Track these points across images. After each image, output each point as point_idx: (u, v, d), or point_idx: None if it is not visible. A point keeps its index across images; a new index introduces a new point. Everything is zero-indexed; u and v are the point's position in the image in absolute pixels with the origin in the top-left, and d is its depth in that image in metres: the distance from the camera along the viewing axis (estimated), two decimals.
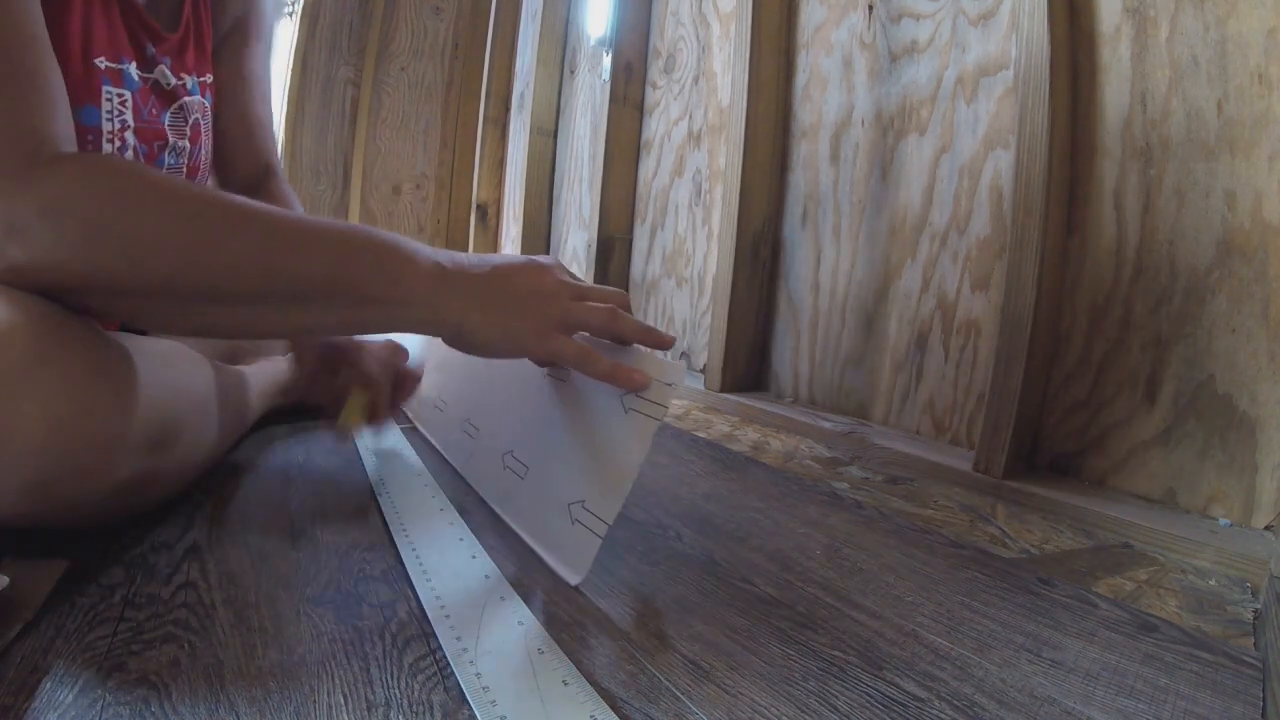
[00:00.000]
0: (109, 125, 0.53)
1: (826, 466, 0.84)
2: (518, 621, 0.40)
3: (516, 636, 0.38)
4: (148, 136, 0.57)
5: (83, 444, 0.40)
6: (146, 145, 0.57)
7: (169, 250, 0.40)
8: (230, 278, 0.41)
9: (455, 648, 0.37)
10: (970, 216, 0.91)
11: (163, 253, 0.39)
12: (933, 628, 0.44)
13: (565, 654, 0.37)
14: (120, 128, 0.54)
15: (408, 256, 0.44)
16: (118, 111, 0.53)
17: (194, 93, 0.62)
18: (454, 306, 0.45)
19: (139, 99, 0.56)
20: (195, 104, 0.62)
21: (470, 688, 0.33)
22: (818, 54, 1.15)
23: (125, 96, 0.54)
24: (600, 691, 0.34)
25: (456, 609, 0.41)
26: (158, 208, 0.40)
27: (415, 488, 0.61)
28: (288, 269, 0.42)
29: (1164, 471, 0.71)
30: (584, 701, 0.33)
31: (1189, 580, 0.57)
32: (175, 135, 0.60)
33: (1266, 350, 0.64)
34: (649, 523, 0.59)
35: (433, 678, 0.34)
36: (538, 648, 0.37)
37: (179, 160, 0.62)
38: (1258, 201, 0.65)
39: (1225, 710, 0.37)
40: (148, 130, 0.57)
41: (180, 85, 0.61)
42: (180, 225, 0.40)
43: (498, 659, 0.36)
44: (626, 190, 1.60)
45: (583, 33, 1.89)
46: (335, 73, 2.39)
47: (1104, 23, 0.76)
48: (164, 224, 0.40)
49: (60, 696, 0.31)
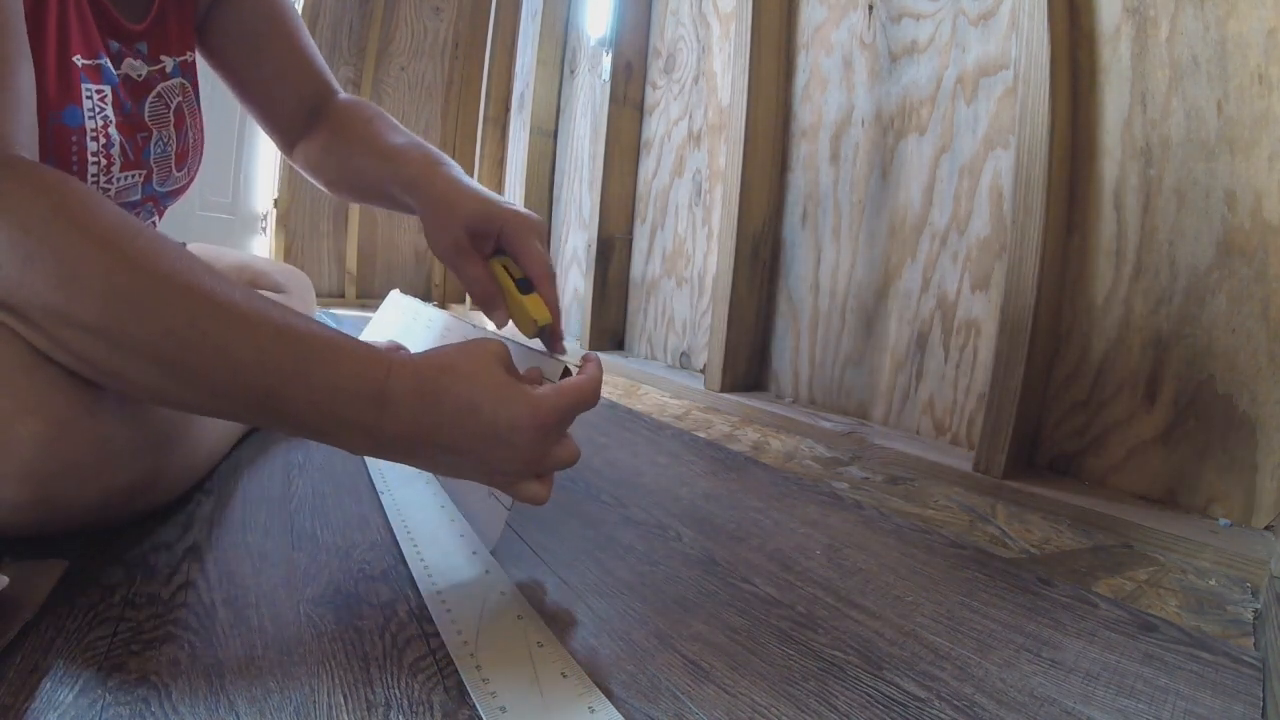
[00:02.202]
0: (92, 123, 0.51)
1: (826, 466, 0.84)
2: (517, 616, 0.40)
3: (516, 630, 0.39)
4: (129, 130, 0.55)
5: (84, 447, 0.40)
6: (130, 139, 0.55)
7: (98, 286, 0.36)
8: (159, 336, 0.37)
9: (456, 640, 0.37)
10: (970, 216, 0.91)
11: (94, 288, 0.36)
12: (933, 628, 0.44)
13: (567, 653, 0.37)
14: (103, 124, 0.52)
15: (346, 412, 0.38)
16: (99, 108, 0.52)
17: (174, 74, 0.60)
18: (390, 458, 0.41)
19: (118, 93, 0.54)
20: (174, 87, 0.60)
21: (470, 680, 0.34)
22: (818, 54, 1.15)
23: (105, 92, 0.52)
24: (600, 691, 0.34)
25: (457, 603, 0.41)
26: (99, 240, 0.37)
27: (417, 485, 0.61)
28: (210, 362, 0.37)
29: (1164, 471, 0.71)
30: (582, 693, 0.33)
31: (1189, 580, 0.57)
32: (158, 125, 0.58)
33: (1266, 350, 0.64)
34: (649, 523, 0.59)
35: (433, 677, 0.34)
36: (537, 641, 0.38)
37: (166, 149, 0.60)
38: (1258, 201, 0.65)
39: (1225, 710, 0.37)
40: (128, 125, 0.55)
41: (157, 70, 0.58)
42: (113, 267, 0.36)
43: (498, 652, 0.36)
44: (626, 190, 1.60)
45: (583, 33, 1.89)
46: (335, 73, 2.38)
47: (1104, 23, 0.76)
48: (99, 258, 0.36)
49: (60, 696, 0.31)
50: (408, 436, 0.39)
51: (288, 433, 0.42)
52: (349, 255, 2.46)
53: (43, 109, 0.46)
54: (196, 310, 0.37)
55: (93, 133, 0.51)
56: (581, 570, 0.49)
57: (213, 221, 2.29)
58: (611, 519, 0.60)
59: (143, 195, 0.59)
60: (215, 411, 0.40)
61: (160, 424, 0.47)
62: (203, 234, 2.14)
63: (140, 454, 0.45)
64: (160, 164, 0.59)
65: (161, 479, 0.49)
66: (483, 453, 0.39)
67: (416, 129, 2.54)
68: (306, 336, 0.38)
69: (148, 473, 0.46)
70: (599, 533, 0.56)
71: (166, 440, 0.48)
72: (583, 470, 0.72)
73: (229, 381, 0.37)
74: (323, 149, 0.67)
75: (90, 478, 0.41)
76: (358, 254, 2.47)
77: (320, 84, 0.69)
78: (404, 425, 0.39)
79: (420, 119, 2.55)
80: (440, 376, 0.39)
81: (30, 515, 0.40)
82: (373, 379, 0.38)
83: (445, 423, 0.39)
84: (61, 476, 0.40)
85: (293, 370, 0.38)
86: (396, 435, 0.39)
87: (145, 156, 0.57)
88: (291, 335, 0.38)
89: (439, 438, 0.39)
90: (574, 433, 0.44)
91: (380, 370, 0.39)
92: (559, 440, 0.41)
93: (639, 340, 1.58)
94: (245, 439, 0.73)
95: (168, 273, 0.37)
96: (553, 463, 0.41)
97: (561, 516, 0.59)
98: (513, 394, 0.39)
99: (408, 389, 0.39)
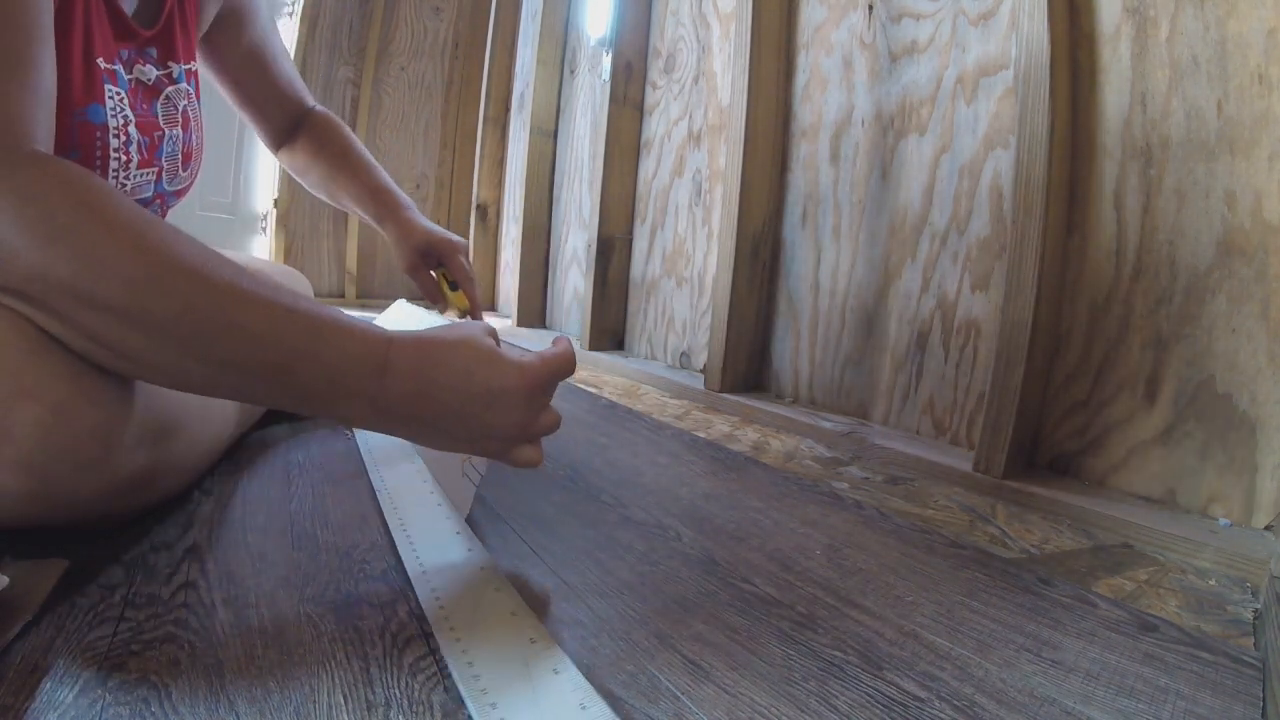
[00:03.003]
0: (114, 121, 0.54)
1: (826, 466, 0.84)
2: (510, 612, 0.40)
3: (509, 627, 0.39)
4: (145, 129, 0.59)
5: (84, 435, 0.40)
6: (147, 137, 0.59)
7: (121, 270, 0.38)
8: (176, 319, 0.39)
9: (449, 637, 0.37)
10: (970, 216, 0.91)
11: (116, 271, 0.38)
12: (933, 628, 0.44)
13: (566, 654, 0.37)
14: (124, 123, 0.55)
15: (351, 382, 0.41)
16: (119, 108, 0.55)
17: (180, 80, 0.63)
18: (389, 428, 0.43)
19: (132, 95, 0.57)
20: (181, 91, 0.64)
21: (462, 676, 0.34)
22: (818, 54, 1.15)
23: (122, 94, 0.56)
24: (600, 691, 0.34)
25: (451, 600, 0.41)
26: (117, 230, 0.39)
27: (414, 483, 0.61)
28: (241, 321, 0.39)
29: (1164, 471, 0.71)
30: (573, 690, 0.33)
31: (1189, 580, 0.57)
32: (168, 125, 0.62)
33: (1266, 350, 0.64)
34: (649, 523, 0.59)
35: (432, 678, 0.34)
36: (529, 638, 0.37)
37: (175, 148, 0.63)
38: (1258, 201, 0.65)
39: (1225, 710, 0.37)
40: (144, 124, 0.59)
41: (165, 75, 0.62)
42: (135, 253, 0.39)
43: (490, 648, 0.36)
44: (626, 190, 1.60)
45: (583, 33, 1.89)
46: (335, 73, 2.39)
47: (1104, 23, 0.76)
48: (121, 249, 0.38)
49: (60, 696, 0.31)
50: (407, 404, 0.41)
51: (293, 406, 0.43)
52: (349, 255, 2.46)
53: (69, 106, 0.49)
54: (213, 291, 0.39)
55: (114, 130, 0.54)
56: (581, 570, 0.49)
57: (213, 221, 2.29)
58: (611, 519, 0.60)
59: (154, 193, 0.62)
60: (229, 387, 0.42)
61: (159, 416, 0.48)
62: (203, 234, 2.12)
63: (140, 445, 0.45)
64: (170, 164, 0.63)
65: (161, 473, 0.49)
66: (477, 415, 0.42)
67: (416, 129, 2.54)
68: (315, 314, 0.41)
69: (147, 465, 0.47)
70: (599, 533, 0.56)
71: (165, 433, 0.49)
72: (583, 470, 0.72)
73: (244, 357, 0.40)
74: (306, 163, 0.86)
75: (89, 467, 0.41)
76: (358, 254, 2.47)
77: (301, 96, 0.86)
78: (404, 393, 0.41)
79: (420, 119, 2.55)
80: (437, 348, 0.42)
81: (30, 506, 0.40)
82: (376, 351, 0.41)
83: (442, 389, 0.41)
84: (60, 464, 0.40)
85: (304, 344, 0.40)
86: (397, 402, 0.41)
87: (158, 155, 0.61)
88: (301, 313, 0.41)
89: (436, 403, 0.42)
90: (575, 433, 0.44)
91: (382, 344, 0.42)
92: (544, 407, 0.45)
93: (639, 340, 1.58)
94: (245, 439, 0.73)
95: (185, 257, 0.40)
96: (539, 428, 0.45)
97: (561, 516, 0.59)
98: (502, 360, 0.43)
99: (408, 359, 0.42)
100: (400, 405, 0.41)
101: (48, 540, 0.45)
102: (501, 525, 0.56)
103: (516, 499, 0.63)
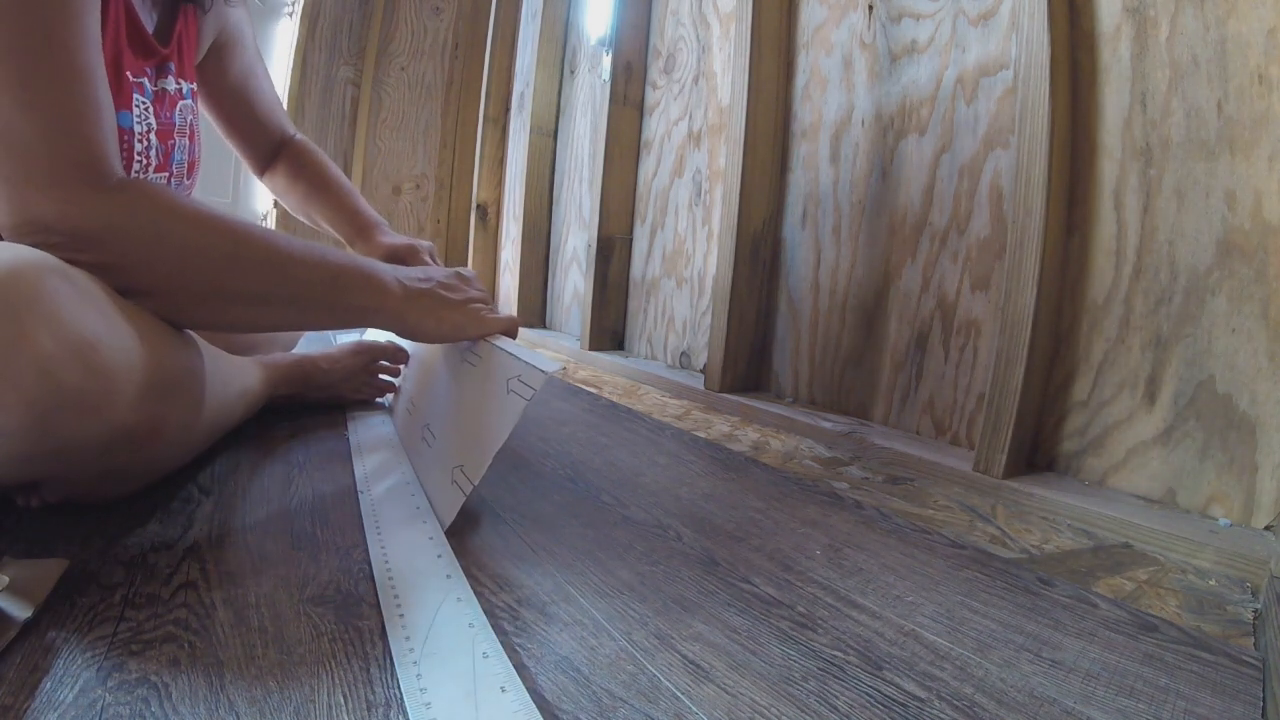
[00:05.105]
0: (139, 127, 0.61)
1: (826, 466, 0.84)
2: (468, 624, 0.39)
3: (464, 639, 0.38)
4: (163, 137, 0.65)
5: (89, 373, 0.41)
6: (164, 144, 0.65)
7: (211, 258, 0.51)
8: (254, 281, 0.53)
9: (402, 648, 0.36)
10: (970, 216, 0.91)
11: (207, 259, 0.51)
12: (933, 628, 0.44)
13: (564, 655, 0.37)
14: (146, 130, 0.62)
15: (381, 280, 0.60)
16: (144, 115, 0.61)
17: (186, 97, 0.70)
18: (411, 313, 0.61)
19: (156, 104, 0.64)
20: (188, 107, 0.71)
21: (409, 688, 0.33)
22: (818, 54, 1.15)
23: (147, 104, 0.62)
24: (600, 691, 0.34)
25: (411, 608, 0.40)
26: (201, 225, 0.51)
27: (397, 485, 0.61)
28: (298, 275, 0.55)
29: (1164, 471, 0.71)
30: (516, 711, 0.32)
31: (1189, 580, 0.57)
32: (180, 135, 0.68)
33: (1266, 350, 0.64)
34: (649, 523, 0.59)
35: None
36: (483, 652, 0.36)
37: (183, 156, 0.69)
38: (1258, 201, 0.65)
39: (1225, 710, 0.37)
40: (162, 132, 0.65)
41: (178, 90, 0.68)
42: (219, 239, 0.52)
43: (440, 661, 0.35)
44: (626, 190, 1.60)
45: (583, 33, 1.89)
46: (335, 73, 2.39)
47: (1104, 23, 0.76)
48: (208, 238, 0.51)
49: (60, 696, 0.31)
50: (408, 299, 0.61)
51: (337, 323, 0.60)
52: None
53: None
54: (281, 257, 0.54)
55: (139, 136, 0.61)
56: (581, 570, 0.49)
57: None
58: (611, 519, 0.60)
59: None
60: (294, 318, 0.59)
61: (166, 373, 0.49)
62: None
63: (144, 398, 0.45)
64: (178, 170, 0.69)
65: (162, 432, 0.49)
66: (444, 284, 0.65)
67: (416, 129, 2.54)
68: (346, 257, 0.59)
69: (150, 419, 0.47)
70: (599, 533, 0.56)
71: (170, 389, 0.49)
72: (583, 470, 0.72)
73: (308, 296, 0.56)
74: (286, 186, 0.94)
75: (91, 411, 0.41)
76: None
77: (283, 125, 0.94)
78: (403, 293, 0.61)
79: (420, 119, 2.55)
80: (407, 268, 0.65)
81: (31, 447, 0.40)
82: (387, 274, 0.61)
83: (417, 282, 0.63)
84: (65, 406, 0.40)
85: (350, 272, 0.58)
86: (403, 299, 0.61)
87: (171, 161, 0.67)
88: (338, 255, 0.58)
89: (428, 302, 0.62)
90: (575, 433, 0.44)
91: (390, 271, 0.62)
92: (468, 283, 0.68)
93: (639, 340, 1.58)
94: (245, 439, 0.73)
95: (260, 238, 0.54)
96: (477, 295, 0.67)
97: (561, 516, 0.59)
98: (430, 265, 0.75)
99: (401, 274, 0.62)
100: (416, 292, 0.62)
101: (48, 540, 0.45)
102: (501, 525, 0.56)
103: (516, 499, 0.63)
